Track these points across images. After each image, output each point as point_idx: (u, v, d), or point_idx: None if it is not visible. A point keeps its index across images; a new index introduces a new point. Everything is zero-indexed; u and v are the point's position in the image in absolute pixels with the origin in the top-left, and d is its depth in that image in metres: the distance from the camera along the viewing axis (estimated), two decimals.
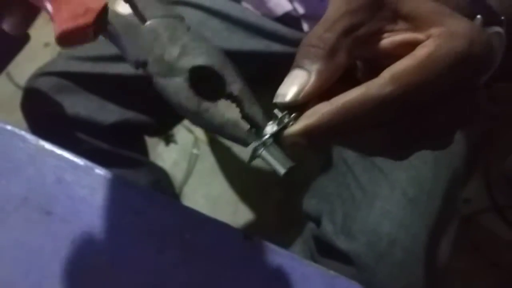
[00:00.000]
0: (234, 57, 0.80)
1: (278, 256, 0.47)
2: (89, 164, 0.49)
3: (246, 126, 0.31)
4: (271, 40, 0.79)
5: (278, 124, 0.30)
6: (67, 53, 0.81)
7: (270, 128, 0.31)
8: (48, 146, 0.50)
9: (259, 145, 0.30)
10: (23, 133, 0.50)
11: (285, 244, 0.84)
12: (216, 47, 0.32)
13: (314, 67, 0.30)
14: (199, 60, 0.31)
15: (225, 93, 0.31)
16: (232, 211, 1.25)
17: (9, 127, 0.50)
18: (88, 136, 0.78)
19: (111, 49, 0.70)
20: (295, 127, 0.30)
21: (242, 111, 0.31)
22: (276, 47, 0.79)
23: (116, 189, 0.48)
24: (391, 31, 0.32)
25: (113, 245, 0.46)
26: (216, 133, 0.31)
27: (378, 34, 0.32)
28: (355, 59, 0.34)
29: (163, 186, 0.88)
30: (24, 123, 0.81)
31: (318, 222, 0.70)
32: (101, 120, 0.77)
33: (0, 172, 0.48)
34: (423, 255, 0.62)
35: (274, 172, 0.31)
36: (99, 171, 0.49)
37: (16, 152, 0.49)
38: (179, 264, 0.45)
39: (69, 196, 0.48)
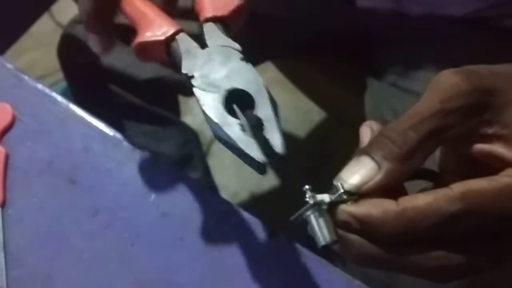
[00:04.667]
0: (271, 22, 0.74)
1: (303, 257, 0.44)
2: (118, 135, 0.47)
3: (259, 149, 0.30)
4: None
5: (335, 197, 0.28)
6: None
7: (326, 197, 0.28)
8: (78, 111, 0.47)
9: (310, 206, 0.28)
10: (53, 94, 0.48)
11: None
12: (260, 78, 0.34)
13: (386, 165, 0.28)
14: (239, 84, 0.34)
15: (254, 116, 0.32)
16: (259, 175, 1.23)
17: (40, 86, 0.48)
18: (121, 89, 0.76)
19: None
20: (357, 208, 0.27)
21: (263, 135, 0.31)
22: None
23: (144, 164, 0.46)
24: (483, 135, 0.29)
25: (135, 224, 0.44)
26: (232, 149, 0.31)
27: (466, 137, 0.29)
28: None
29: (191, 147, 0.86)
30: None
31: None
32: (136, 74, 0.75)
33: (27, 133, 0.46)
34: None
35: (304, 142, 0.29)
36: (128, 144, 0.47)
37: (45, 114, 0.47)
38: (198, 253, 0.43)
39: (94, 167, 0.46)
